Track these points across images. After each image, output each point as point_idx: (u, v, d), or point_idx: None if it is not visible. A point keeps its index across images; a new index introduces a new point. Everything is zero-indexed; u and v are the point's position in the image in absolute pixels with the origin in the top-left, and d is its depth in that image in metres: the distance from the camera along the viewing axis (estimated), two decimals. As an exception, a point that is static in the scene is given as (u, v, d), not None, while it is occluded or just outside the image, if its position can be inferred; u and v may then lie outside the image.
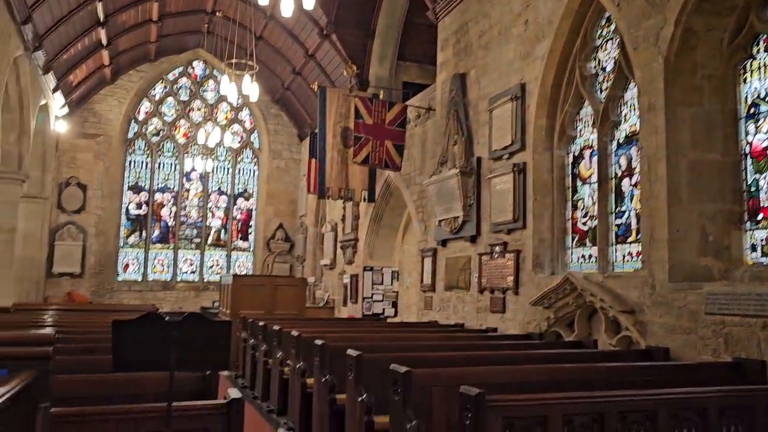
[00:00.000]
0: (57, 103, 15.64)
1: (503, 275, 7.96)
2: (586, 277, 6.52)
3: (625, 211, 6.60)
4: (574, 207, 7.42)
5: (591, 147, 7.19)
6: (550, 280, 7.07)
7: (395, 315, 13.26)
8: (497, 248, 8.13)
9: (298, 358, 6.07)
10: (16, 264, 15.50)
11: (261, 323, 7.96)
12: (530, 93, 7.78)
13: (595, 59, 7.25)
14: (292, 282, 10.94)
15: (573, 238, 7.40)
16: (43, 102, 14.40)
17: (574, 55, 7.39)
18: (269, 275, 13.05)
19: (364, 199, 12.13)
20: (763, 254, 5.22)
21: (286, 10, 6.56)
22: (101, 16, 13.26)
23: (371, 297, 13.07)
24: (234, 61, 10.19)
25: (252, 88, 9.76)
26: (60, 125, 16.25)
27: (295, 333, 6.15)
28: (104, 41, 14.61)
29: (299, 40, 14.89)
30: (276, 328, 7.07)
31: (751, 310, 4.65)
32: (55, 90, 14.61)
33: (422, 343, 6.22)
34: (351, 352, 4.51)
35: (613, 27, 6.84)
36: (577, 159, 7.44)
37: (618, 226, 6.69)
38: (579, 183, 7.39)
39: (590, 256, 7.07)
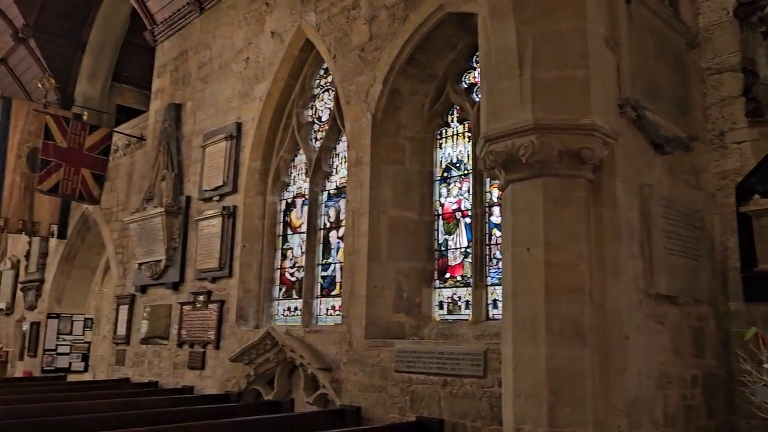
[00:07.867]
0: None
1: (205, 328, 7.26)
2: (289, 332, 6.18)
3: (331, 264, 6.49)
4: (284, 256, 7.13)
5: (303, 196, 7.01)
6: (253, 334, 6.58)
7: (85, 370, 11.42)
8: (200, 298, 7.41)
9: None
10: None
11: None
12: (246, 134, 7.38)
13: (312, 108, 7.17)
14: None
15: (281, 289, 7.07)
16: None
17: (293, 100, 7.23)
18: None
19: (53, 235, 10.36)
20: (449, 312, 5.46)
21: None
22: None
23: (55, 349, 11.09)
24: None
25: None
26: None
27: None
28: None
29: (-12, 39, 12.49)
30: None
31: (434, 368, 4.73)
32: None
33: (86, 414, 5.16)
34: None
35: (331, 78, 6.83)
36: (290, 207, 7.21)
37: (324, 278, 6.54)
38: (290, 232, 7.14)
39: (296, 309, 6.78)
